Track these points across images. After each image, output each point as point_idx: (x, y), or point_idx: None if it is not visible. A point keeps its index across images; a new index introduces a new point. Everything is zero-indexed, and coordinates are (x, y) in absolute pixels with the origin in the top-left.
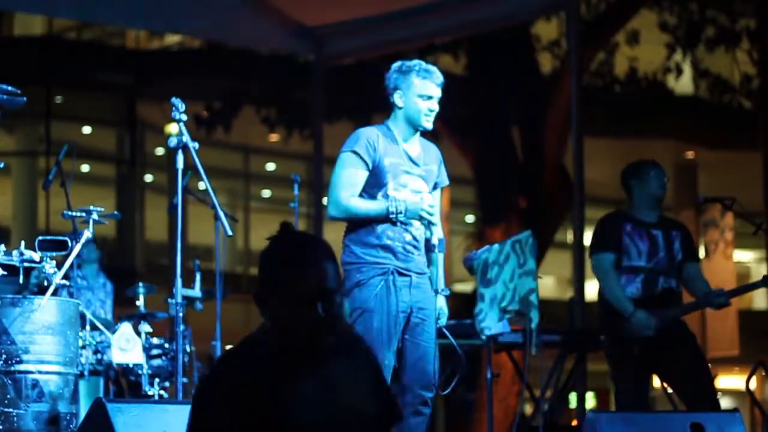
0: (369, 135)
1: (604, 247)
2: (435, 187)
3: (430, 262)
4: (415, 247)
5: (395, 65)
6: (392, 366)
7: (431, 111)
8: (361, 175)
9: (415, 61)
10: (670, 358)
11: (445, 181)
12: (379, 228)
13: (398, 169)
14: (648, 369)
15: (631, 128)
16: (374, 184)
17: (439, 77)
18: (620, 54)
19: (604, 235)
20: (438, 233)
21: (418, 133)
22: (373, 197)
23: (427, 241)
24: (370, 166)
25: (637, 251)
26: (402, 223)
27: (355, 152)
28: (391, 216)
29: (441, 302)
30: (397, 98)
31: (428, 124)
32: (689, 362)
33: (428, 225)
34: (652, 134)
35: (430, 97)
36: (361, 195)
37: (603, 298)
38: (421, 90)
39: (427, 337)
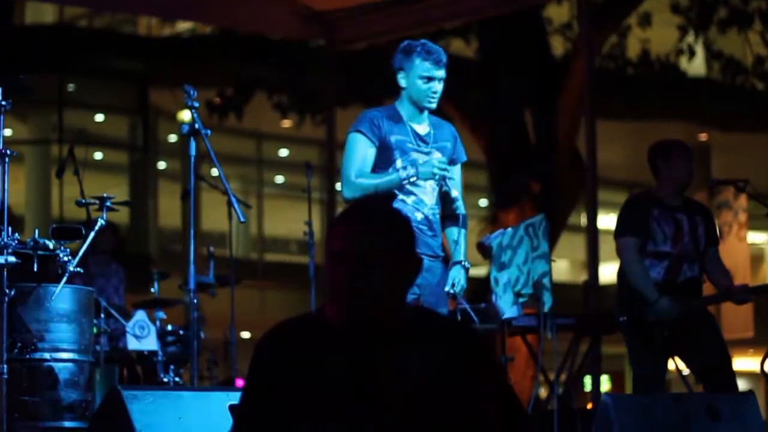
0: (372, 114)
1: (630, 231)
2: (452, 164)
3: (449, 234)
4: (428, 227)
5: (401, 45)
6: None
7: (434, 92)
8: (370, 153)
9: (419, 41)
10: (690, 341)
11: (463, 157)
12: None
13: (406, 146)
14: (667, 352)
15: (643, 110)
16: (383, 162)
17: (441, 57)
18: (632, 36)
19: (630, 218)
20: (460, 209)
21: (426, 112)
22: None
23: (446, 194)
24: (377, 143)
25: (663, 236)
26: (414, 190)
27: (359, 131)
28: (404, 182)
29: (458, 272)
30: (401, 79)
31: (432, 104)
32: (708, 345)
33: (444, 180)
34: (665, 116)
35: (431, 78)
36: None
37: (624, 281)
38: (421, 71)
39: None
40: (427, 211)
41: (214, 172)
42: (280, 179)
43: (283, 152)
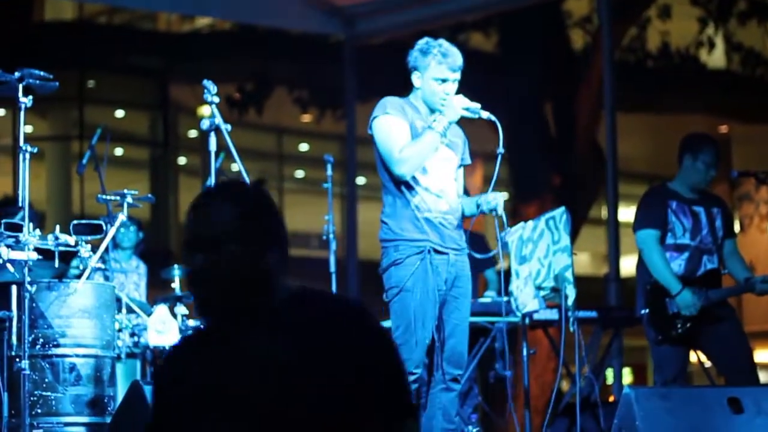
0: (393, 100)
1: (649, 224)
2: (459, 165)
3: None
4: (453, 216)
5: (419, 43)
6: (426, 343)
7: (447, 94)
8: (405, 128)
9: (437, 42)
10: (711, 334)
11: (468, 160)
12: (414, 201)
13: None
14: (688, 345)
15: (663, 103)
16: None
17: (457, 61)
18: (652, 29)
19: (649, 211)
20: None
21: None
22: None
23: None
24: (406, 121)
25: (682, 229)
26: (435, 178)
27: (387, 113)
28: (438, 129)
29: (488, 194)
30: (415, 78)
31: (443, 107)
32: (730, 337)
33: (469, 110)
34: (685, 109)
35: (445, 81)
36: None
37: (643, 273)
38: (436, 74)
39: (458, 315)
40: (452, 201)
41: (235, 167)
42: (300, 174)
43: (304, 147)
